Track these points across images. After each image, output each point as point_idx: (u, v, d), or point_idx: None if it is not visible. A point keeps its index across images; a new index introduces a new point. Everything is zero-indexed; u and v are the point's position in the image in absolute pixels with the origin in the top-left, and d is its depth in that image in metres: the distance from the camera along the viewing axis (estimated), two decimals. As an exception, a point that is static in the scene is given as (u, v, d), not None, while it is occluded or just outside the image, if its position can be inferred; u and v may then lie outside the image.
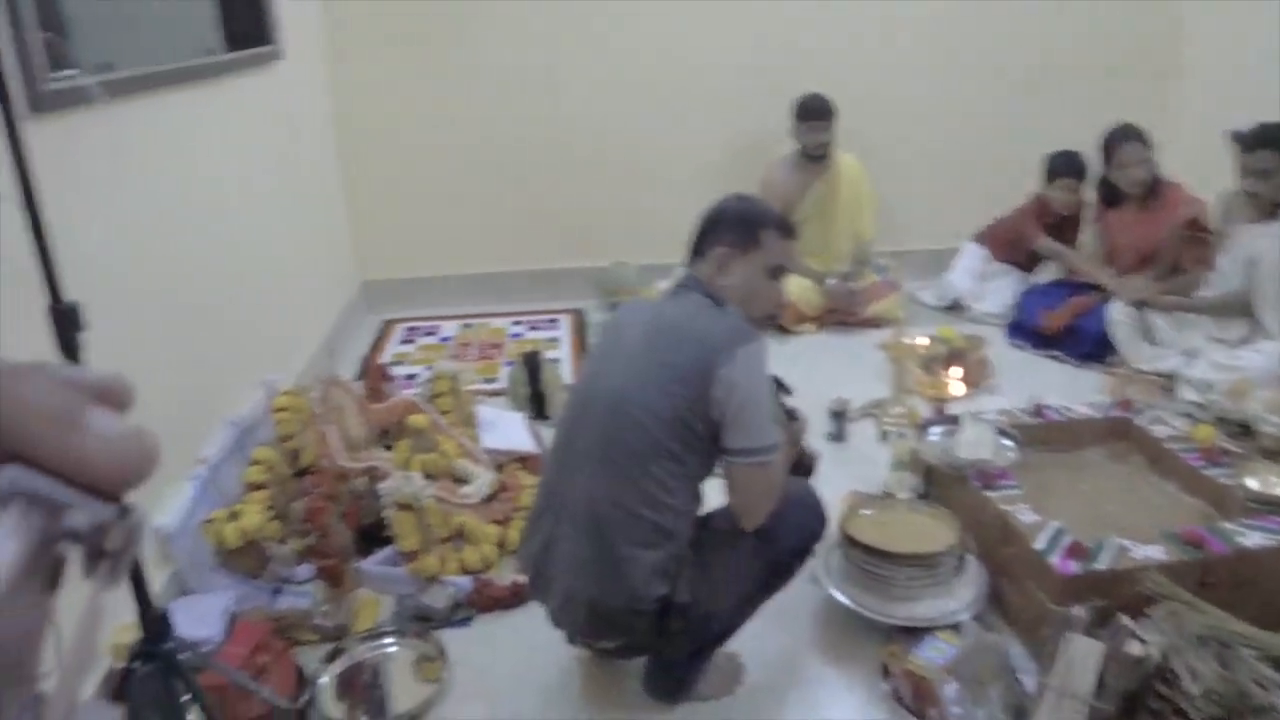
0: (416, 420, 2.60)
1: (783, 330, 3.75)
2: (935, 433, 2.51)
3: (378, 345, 3.90)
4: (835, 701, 1.92)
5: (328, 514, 2.27)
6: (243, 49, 2.98)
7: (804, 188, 3.91)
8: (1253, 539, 1.99)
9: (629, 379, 1.68)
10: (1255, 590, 1.99)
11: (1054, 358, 3.60)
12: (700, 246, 1.80)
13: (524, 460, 2.76)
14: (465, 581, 2.23)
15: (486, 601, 2.19)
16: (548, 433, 2.94)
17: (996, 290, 4.05)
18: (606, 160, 4.25)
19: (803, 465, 1.96)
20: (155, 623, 1.45)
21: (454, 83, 4.09)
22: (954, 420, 2.51)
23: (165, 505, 2.14)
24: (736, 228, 1.77)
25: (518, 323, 4.10)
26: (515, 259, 4.37)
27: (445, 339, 3.97)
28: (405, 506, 2.24)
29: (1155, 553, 1.96)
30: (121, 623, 1.72)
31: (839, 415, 2.90)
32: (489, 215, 4.30)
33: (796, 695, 1.93)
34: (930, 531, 2.13)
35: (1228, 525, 2.06)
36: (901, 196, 4.37)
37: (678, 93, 4.19)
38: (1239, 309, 3.28)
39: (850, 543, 2.10)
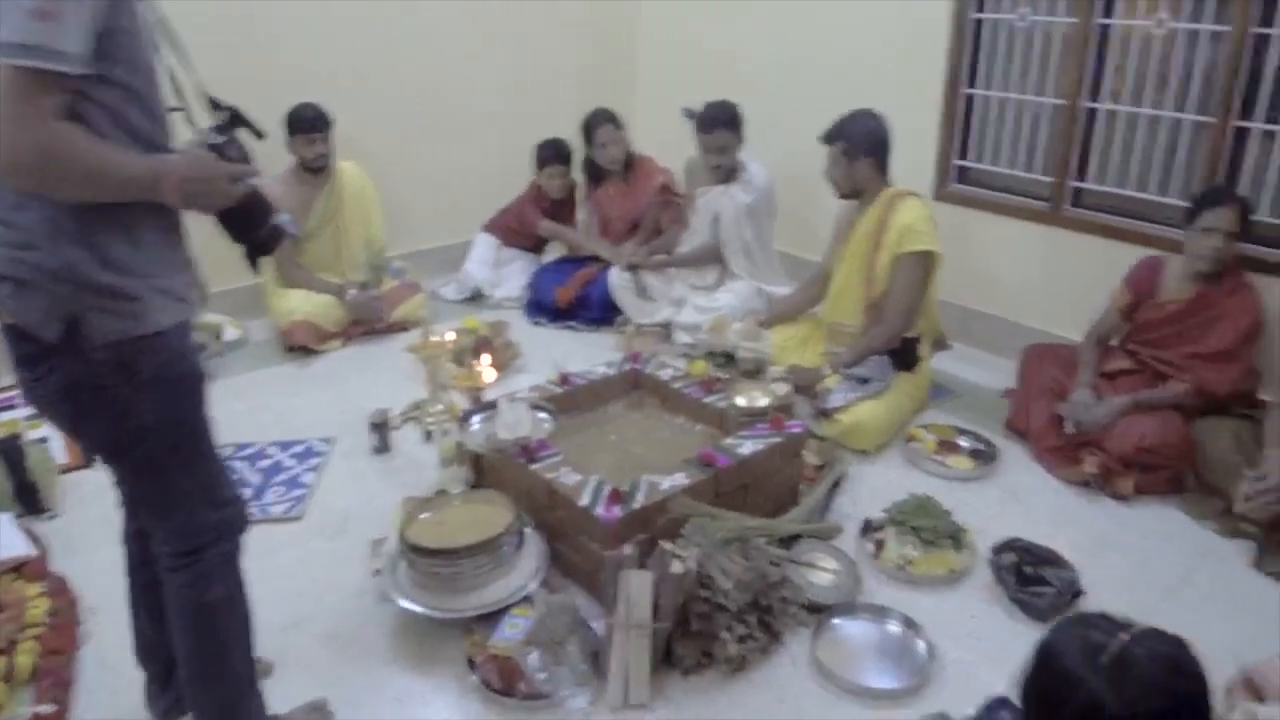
0: None
1: (307, 350, 3.61)
2: (476, 422, 2.60)
3: None
4: (428, 709, 1.92)
5: None
6: None
7: (307, 202, 3.78)
8: (747, 447, 2.37)
9: None
10: (756, 487, 2.39)
11: (570, 328, 3.94)
12: None
13: (20, 568, 2.35)
14: (-35, 734, 1.85)
15: (0, 747, 1.84)
16: (45, 527, 2.54)
17: (511, 275, 4.30)
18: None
19: (259, 218, 1.50)
20: None
21: None
22: (491, 406, 2.61)
23: None
24: None
25: (-18, 407, 3.45)
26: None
27: (-121, 448, 3.20)
28: None
29: (679, 480, 2.24)
30: None
31: (380, 426, 2.88)
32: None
33: (390, 717, 1.91)
34: (488, 517, 2.20)
35: (728, 441, 2.42)
36: (408, 197, 4.42)
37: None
38: (711, 258, 3.86)
39: (413, 549, 2.11)
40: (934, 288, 3.10)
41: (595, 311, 3.92)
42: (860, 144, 3.02)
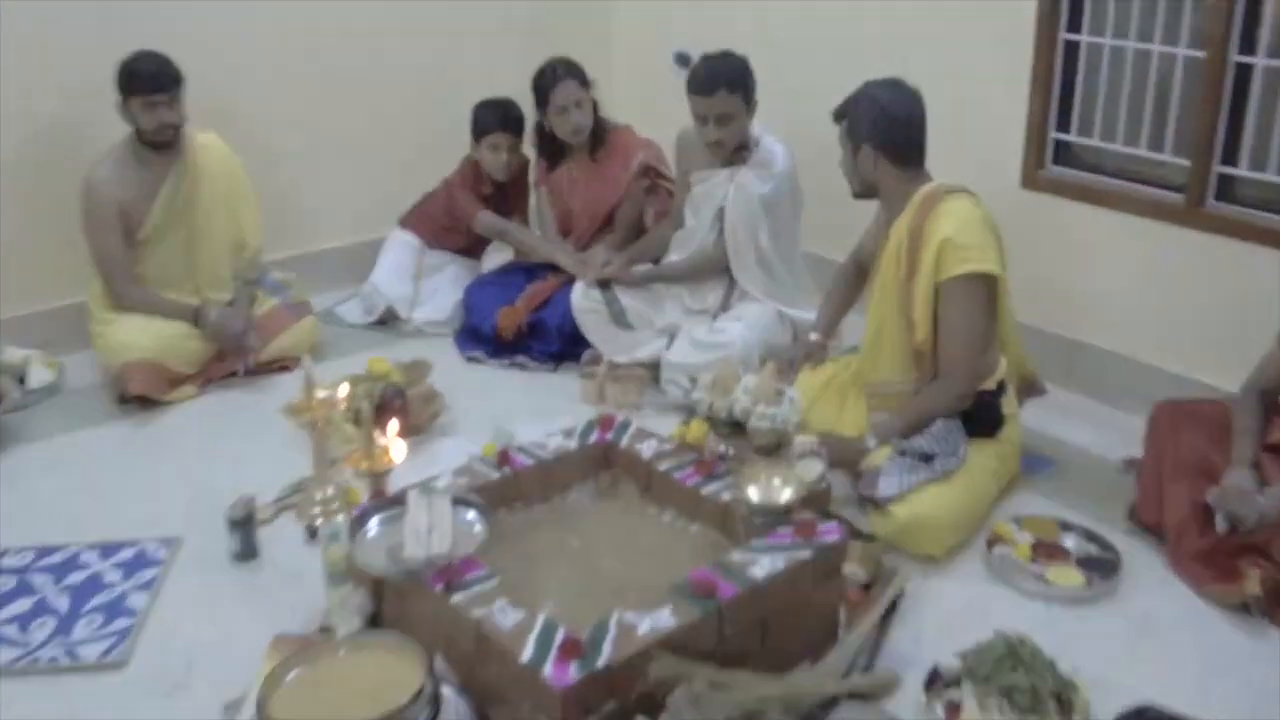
0: None
1: (147, 402, 3.52)
2: (374, 526, 2.45)
3: None
4: None
5: None
6: None
7: (150, 188, 3.68)
8: (763, 566, 2.22)
9: None
10: (773, 622, 2.25)
11: (519, 366, 3.87)
12: None
13: None
14: None
15: None
16: None
17: (438, 289, 4.24)
18: None
19: None
20: None
21: None
22: (398, 501, 2.47)
23: None
24: None
25: None
26: None
27: None
28: None
29: (664, 619, 2.08)
30: None
31: (243, 524, 2.73)
32: None
33: None
34: (387, 676, 2.03)
35: (736, 557, 2.27)
36: (293, 182, 4.38)
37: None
38: (713, 270, 3.74)
39: (277, 733, 1.93)
40: (1008, 313, 3.00)
41: (553, 344, 3.84)
42: (862, 126, 2.91)
